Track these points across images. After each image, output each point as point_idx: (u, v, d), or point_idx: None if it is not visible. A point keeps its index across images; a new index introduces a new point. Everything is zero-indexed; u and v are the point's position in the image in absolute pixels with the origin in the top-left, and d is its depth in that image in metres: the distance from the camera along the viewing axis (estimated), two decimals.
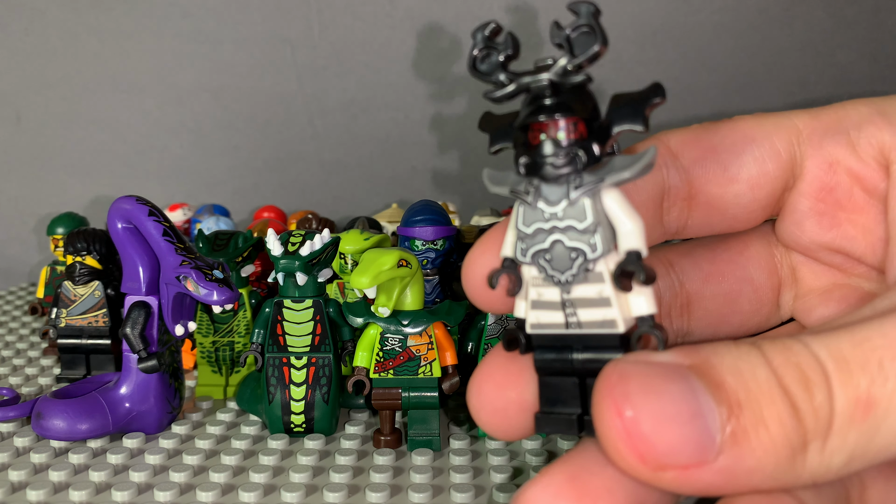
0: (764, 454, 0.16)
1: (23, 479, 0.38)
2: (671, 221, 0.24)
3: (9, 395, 0.46)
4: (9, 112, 0.89)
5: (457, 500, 0.36)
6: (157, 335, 0.43)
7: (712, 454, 0.16)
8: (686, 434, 0.16)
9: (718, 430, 0.16)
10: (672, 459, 0.16)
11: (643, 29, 0.89)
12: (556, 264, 0.19)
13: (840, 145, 0.22)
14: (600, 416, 0.17)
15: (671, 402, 0.16)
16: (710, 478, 0.17)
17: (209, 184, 0.92)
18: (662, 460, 0.16)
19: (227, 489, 0.37)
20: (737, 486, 0.17)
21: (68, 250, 0.51)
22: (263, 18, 0.88)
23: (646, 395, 0.17)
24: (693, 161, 0.23)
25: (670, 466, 0.16)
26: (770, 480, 0.17)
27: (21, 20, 0.87)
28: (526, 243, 0.19)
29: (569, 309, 0.19)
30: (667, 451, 0.16)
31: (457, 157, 0.93)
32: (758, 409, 0.17)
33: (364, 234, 0.50)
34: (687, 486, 0.17)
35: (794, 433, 0.17)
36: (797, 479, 0.17)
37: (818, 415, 0.17)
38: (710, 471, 0.16)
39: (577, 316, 0.19)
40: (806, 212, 0.23)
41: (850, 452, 0.17)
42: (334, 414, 0.44)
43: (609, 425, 0.17)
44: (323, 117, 0.92)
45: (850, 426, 0.17)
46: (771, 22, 0.89)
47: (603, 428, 0.17)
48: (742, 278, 0.25)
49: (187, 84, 0.90)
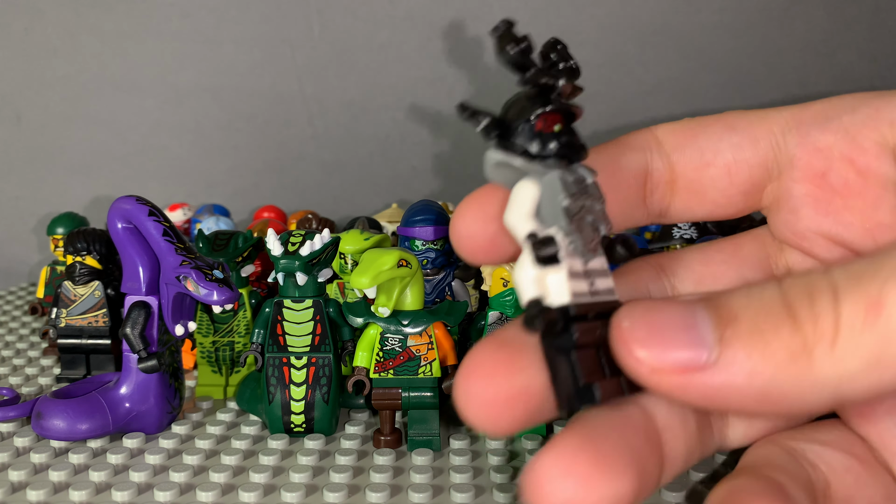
0: (760, 357, 0.17)
1: (23, 479, 0.38)
2: (654, 203, 0.24)
3: (9, 395, 0.46)
4: (9, 112, 0.89)
5: (457, 500, 0.36)
6: (157, 335, 0.43)
7: (705, 354, 0.17)
8: (678, 337, 0.17)
9: (712, 336, 0.17)
10: (667, 361, 0.17)
11: (643, 29, 0.89)
12: (584, 236, 0.20)
13: (830, 131, 0.22)
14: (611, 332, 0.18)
15: (667, 315, 0.18)
16: (708, 379, 0.17)
17: (209, 184, 0.92)
18: (656, 360, 0.17)
19: (227, 489, 0.37)
20: (741, 391, 0.17)
21: (68, 250, 0.51)
22: (263, 18, 0.88)
23: (645, 310, 0.18)
24: (674, 147, 0.24)
25: (667, 369, 0.17)
26: (777, 385, 0.17)
27: (21, 20, 0.87)
28: (569, 214, 0.20)
29: (590, 279, 0.20)
30: (660, 351, 0.17)
31: (457, 158, 0.93)
32: (753, 319, 0.17)
33: (364, 234, 0.50)
34: (693, 391, 0.17)
35: (790, 338, 0.17)
36: (810, 389, 0.17)
37: (818, 320, 0.17)
38: (709, 373, 0.17)
39: (595, 285, 0.20)
40: (801, 197, 0.23)
41: (868, 356, 0.16)
42: (334, 414, 0.44)
43: (613, 337, 0.18)
44: (323, 117, 0.92)
45: (863, 329, 0.16)
46: (771, 22, 0.89)
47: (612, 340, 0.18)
48: (736, 280, 0.25)
49: (187, 84, 0.90)
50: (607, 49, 0.90)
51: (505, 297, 0.43)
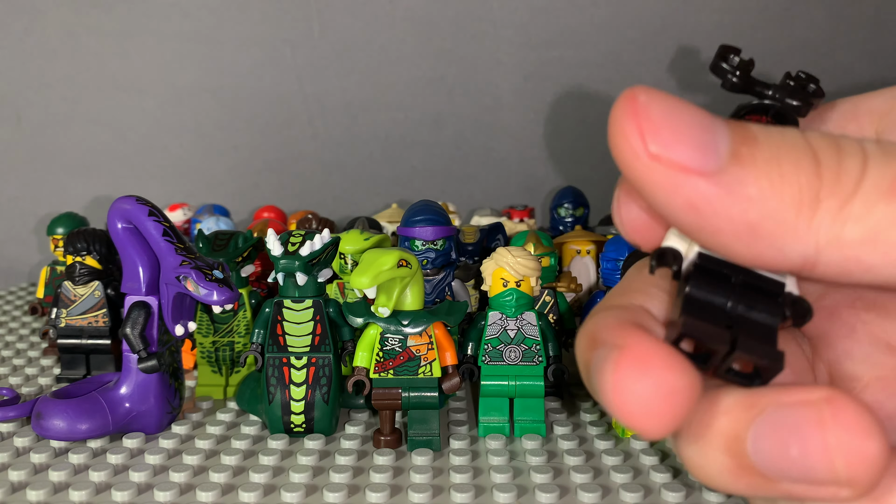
0: (769, 186, 0.16)
1: (23, 479, 0.38)
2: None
3: (9, 395, 0.46)
4: (9, 112, 0.89)
5: (457, 500, 0.36)
6: (157, 335, 0.43)
7: (713, 163, 0.16)
8: (692, 132, 0.16)
9: (727, 147, 0.16)
10: (671, 151, 0.16)
11: (643, 29, 0.89)
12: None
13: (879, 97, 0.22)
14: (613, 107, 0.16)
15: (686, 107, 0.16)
16: (704, 188, 0.16)
17: (209, 184, 0.92)
18: (660, 147, 0.16)
19: (227, 489, 0.37)
20: (731, 214, 0.16)
21: (68, 250, 0.51)
22: (263, 18, 0.88)
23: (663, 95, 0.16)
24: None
25: (668, 159, 0.16)
26: (769, 223, 0.16)
27: (21, 20, 0.87)
28: None
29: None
30: (668, 138, 0.16)
31: (457, 157, 0.93)
32: (774, 147, 0.16)
33: (364, 234, 0.50)
34: (678, 193, 0.16)
35: (807, 181, 0.16)
36: (798, 237, 0.16)
37: (841, 174, 0.16)
38: (707, 182, 0.16)
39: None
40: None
41: (870, 230, 0.15)
42: (334, 414, 0.44)
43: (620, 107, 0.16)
44: (323, 117, 0.92)
45: (879, 199, 0.15)
46: (771, 22, 0.89)
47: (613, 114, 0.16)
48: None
49: (187, 84, 0.90)
50: (607, 49, 0.90)
51: (505, 297, 0.43)
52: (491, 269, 0.44)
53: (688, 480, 0.38)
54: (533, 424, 0.44)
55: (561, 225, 0.70)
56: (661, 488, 0.37)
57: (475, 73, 0.91)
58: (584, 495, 0.36)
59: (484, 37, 0.90)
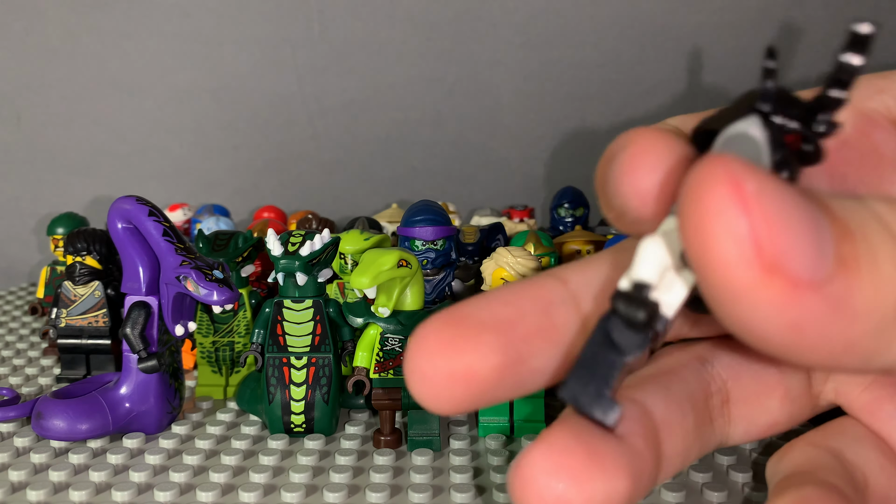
0: (874, 296, 0.13)
1: (23, 479, 0.38)
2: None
3: (9, 395, 0.46)
4: (9, 112, 0.89)
5: (457, 500, 0.36)
6: (157, 335, 0.43)
7: (824, 271, 0.13)
8: (809, 235, 0.13)
9: (831, 245, 0.13)
10: (789, 262, 0.13)
11: (643, 29, 0.89)
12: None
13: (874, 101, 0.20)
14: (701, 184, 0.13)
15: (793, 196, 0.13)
16: (815, 306, 0.13)
17: (209, 184, 0.92)
18: (780, 257, 0.12)
19: (227, 489, 0.37)
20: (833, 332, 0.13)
21: (68, 250, 0.51)
22: (263, 18, 0.88)
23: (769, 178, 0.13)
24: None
25: (784, 272, 0.13)
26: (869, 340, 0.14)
27: (21, 20, 0.87)
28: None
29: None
30: (788, 245, 0.12)
31: (457, 157, 0.93)
32: (870, 244, 0.14)
33: (364, 234, 0.50)
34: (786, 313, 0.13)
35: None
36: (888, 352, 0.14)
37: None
38: (818, 296, 0.13)
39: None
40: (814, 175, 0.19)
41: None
42: (334, 414, 0.44)
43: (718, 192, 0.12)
44: (323, 117, 0.92)
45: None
46: (771, 22, 0.89)
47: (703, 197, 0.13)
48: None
49: (187, 84, 0.90)
50: (607, 49, 0.90)
51: None
52: (491, 269, 0.44)
53: (688, 480, 0.38)
54: (533, 424, 0.44)
55: (561, 225, 0.70)
56: (662, 488, 0.37)
57: (475, 73, 0.91)
58: None
59: (484, 37, 0.90)
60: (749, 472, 0.38)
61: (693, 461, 0.21)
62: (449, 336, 0.17)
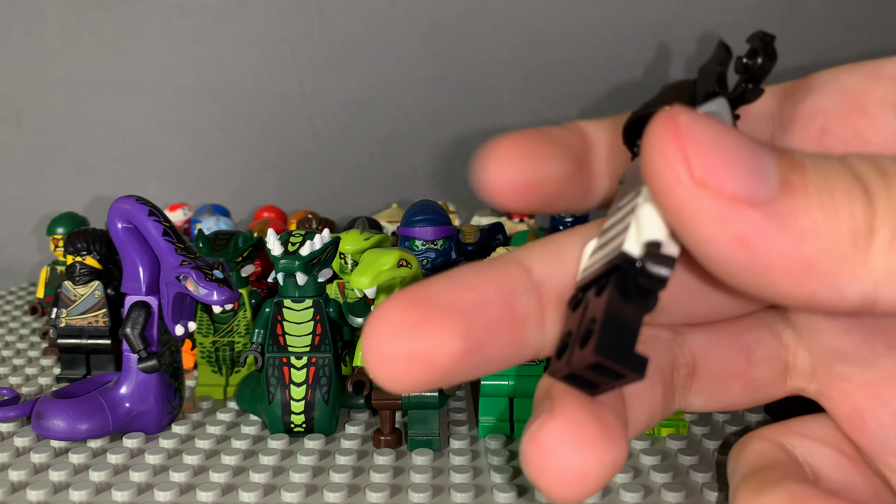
0: (823, 218, 0.14)
1: (23, 479, 0.38)
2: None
3: (9, 395, 0.46)
4: (9, 112, 0.89)
5: (457, 500, 0.36)
6: (157, 335, 0.43)
7: (764, 192, 0.14)
8: (741, 158, 0.14)
9: (775, 174, 0.14)
10: (719, 178, 0.14)
11: (643, 29, 0.89)
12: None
13: (827, 93, 0.20)
14: (649, 129, 0.15)
15: (730, 131, 0.14)
16: (756, 220, 0.14)
17: (209, 184, 0.92)
18: (709, 174, 0.14)
19: (227, 489, 0.37)
20: (784, 249, 0.14)
21: (68, 250, 0.51)
22: (263, 18, 0.88)
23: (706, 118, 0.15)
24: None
25: (715, 187, 0.14)
26: (825, 258, 0.14)
27: (21, 20, 0.87)
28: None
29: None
30: (716, 164, 0.14)
31: (457, 157, 0.93)
32: (823, 175, 0.15)
33: (364, 234, 0.50)
34: (726, 226, 0.14)
35: (861, 210, 0.14)
36: (856, 274, 0.14)
37: (892, 200, 0.14)
38: (761, 213, 0.14)
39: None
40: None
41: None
42: (334, 414, 0.44)
43: (658, 128, 0.14)
44: (323, 117, 0.92)
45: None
46: (771, 22, 0.89)
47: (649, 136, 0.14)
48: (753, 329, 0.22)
49: (187, 84, 0.90)
50: (607, 49, 0.90)
51: None
52: None
53: (688, 480, 0.38)
54: None
55: (561, 225, 0.70)
56: (661, 488, 0.37)
57: (475, 73, 0.91)
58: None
59: (484, 37, 0.90)
60: None
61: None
62: (412, 317, 0.17)
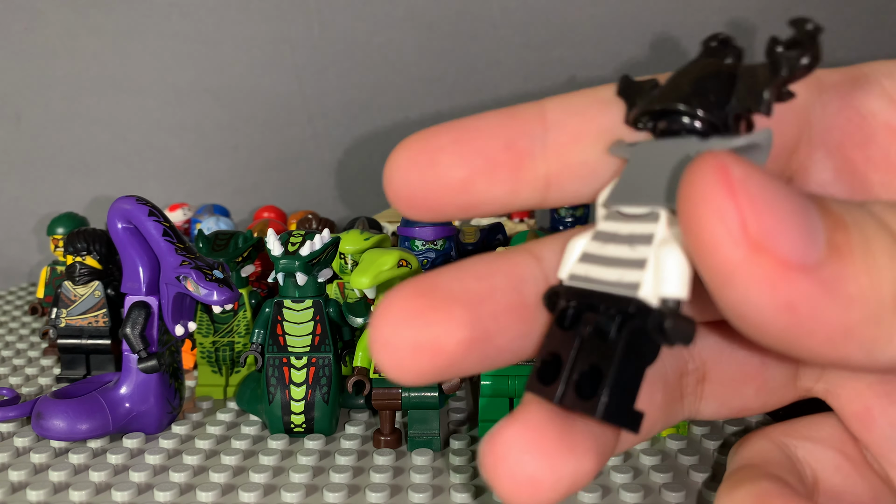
0: (868, 283, 0.14)
1: (23, 479, 0.38)
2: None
3: (9, 395, 0.46)
4: (9, 112, 0.89)
5: (457, 500, 0.36)
6: (157, 335, 0.43)
7: (814, 256, 0.13)
8: (795, 218, 0.13)
9: (823, 235, 0.14)
10: (776, 240, 0.13)
11: (643, 29, 0.89)
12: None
13: (874, 95, 0.19)
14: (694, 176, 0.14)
15: (780, 185, 0.14)
16: (807, 287, 0.13)
17: (209, 184, 0.92)
18: (765, 235, 0.13)
19: (227, 489, 0.37)
20: (829, 316, 0.14)
21: (68, 250, 0.51)
22: (263, 18, 0.88)
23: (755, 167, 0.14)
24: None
25: (771, 250, 0.13)
26: (867, 326, 0.14)
27: (21, 20, 0.87)
28: None
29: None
30: (772, 224, 0.13)
31: None
32: (864, 234, 0.14)
33: (364, 234, 0.50)
34: (777, 292, 0.13)
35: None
36: (889, 342, 0.14)
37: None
38: (810, 279, 0.13)
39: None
40: (833, 171, 0.19)
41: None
42: (334, 414, 0.44)
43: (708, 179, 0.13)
44: (323, 117, 0.92)
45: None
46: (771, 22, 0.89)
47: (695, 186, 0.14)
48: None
49: (187, 84, 0.90)
50: (607, 49, 0.90)
51: None
52: None
53: (687, 480, 0.38)
54: None
55: (561, 225, 0.70)
56: (661, 488, 0.37)
57: (475, 73, 0.91)
58: (584, 495, 0.36)
59: (484, 37, 0.90)
60: None
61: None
62: (418, 306, 0.17)
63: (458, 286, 0.17)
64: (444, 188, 0.18)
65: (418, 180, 0.18)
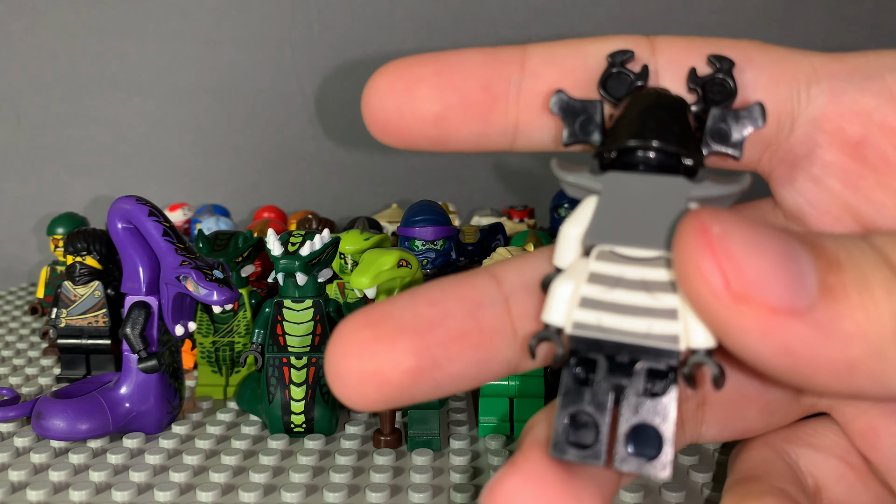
0: (865, 319, 0.14)
1: (23, 479, 0.38)
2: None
3: (9, 395, 0.46)
4: (9, 112, 0.89)
5: (457, 500, 0.36)
6: (157, 335, 0.43)
7: (804, 300, 0.14)
8: (778, 267, 0.14)
9: (814, 278, 0.14)
10: (759, 291, 0.14)
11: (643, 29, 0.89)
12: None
13: (871, 92, 0.18)
14: (680, 237, 0.14)
15: (763, 234, 0.14)
16: (799, 331, 0.14)
17: (209, 184, 0.92)
18: (747, 288, 0.14)
19: (227, 489, 0.37)
20: (830, 355, 0.14)
21: (68, 250, 0.51)
22: (263, 18, 0.88)
23: (736, 222, 0.14)
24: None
25: (755, 300, 0.14)
26: (870, 360, 0.14)
27: (21, 20, 0.87)
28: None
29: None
30: (753, 276, 0.14)
31: (457, 157, 0.93)
32: (860, 272, 0.15)
33: (364, 234, 0.50)
34: (770, 338, 0.14)
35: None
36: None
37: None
38: (803, 322, 0.14)
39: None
40: (828, 166, 0.18)
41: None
42: (334, 414, 0.44)
43: (692, 240, 0.14)
44: (323, 117, 0.92)
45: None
46: (771, 22, 0.89)
47: (682, 246, 0.14)
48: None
49: (187, 84, 0.90)
50: None
51: None
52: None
53: (688, 480, 0.38)
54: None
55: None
56: (661, 488, 0.37)
57: None
58: None
59: (484, 37, 0.90)
60: None
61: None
62: (365, 337, 0.17)
63: (409, 314, 0.17)
64: (417, 120, 0.19)
65: (394, 108, 0.19)
